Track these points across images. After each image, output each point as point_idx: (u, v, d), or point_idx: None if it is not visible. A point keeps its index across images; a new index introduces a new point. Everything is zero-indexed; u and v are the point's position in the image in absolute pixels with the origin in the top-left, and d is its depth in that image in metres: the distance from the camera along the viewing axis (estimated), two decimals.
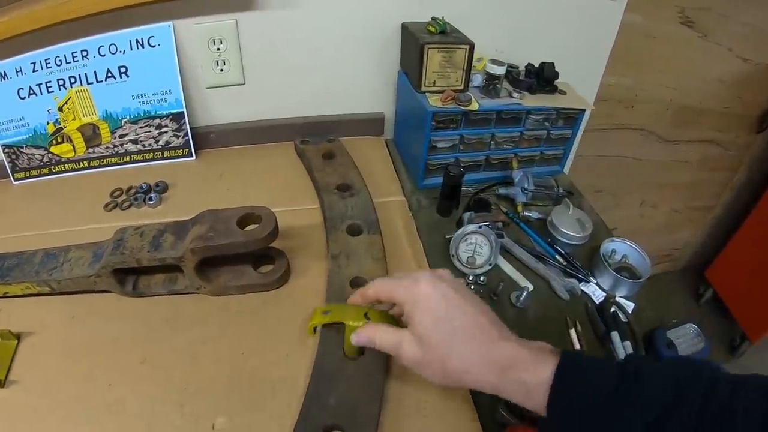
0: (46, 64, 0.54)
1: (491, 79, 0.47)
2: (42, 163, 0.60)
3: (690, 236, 0.99)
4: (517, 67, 0.51)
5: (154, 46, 0.50)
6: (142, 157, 0.56)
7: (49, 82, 0.55)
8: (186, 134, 0.54)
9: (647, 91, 0.71)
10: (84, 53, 0.52)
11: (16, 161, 0.61)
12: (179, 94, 0.51)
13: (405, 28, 0.50)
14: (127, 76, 0.52)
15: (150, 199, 0.48)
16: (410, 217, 0.44)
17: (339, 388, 0.29)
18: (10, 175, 0.63)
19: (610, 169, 0.79)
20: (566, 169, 0.55)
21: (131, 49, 0.51)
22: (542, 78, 0.50)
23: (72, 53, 0.53)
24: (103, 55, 0.52)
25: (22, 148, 0.59)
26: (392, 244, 0.41)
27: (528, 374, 0.24)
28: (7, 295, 0.44)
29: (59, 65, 0.53)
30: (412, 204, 0.47)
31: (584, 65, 0.60)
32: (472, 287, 0.39)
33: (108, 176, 0.58)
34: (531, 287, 0.39)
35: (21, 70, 0.55)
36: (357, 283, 0.36)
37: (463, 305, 0.26)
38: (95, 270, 0.37)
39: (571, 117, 0.49)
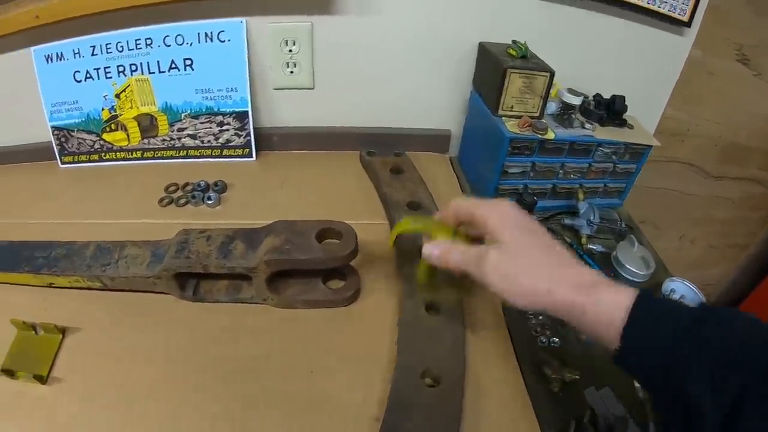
0: (107, 48, 0.56)
1: (567, 108, 0.51)
2: (92, 149, 0.62)
3: (722, 273, 1.05)
4: (587, 97, 0.55)
5: (223, 41, 0.53)
6: (199, 153, 0.58)
7: (108, 67, 0.57)
8: (248, 134, 0.56)
9: (699, 126, 0.76)
10: (148, 41, 0.54)
11: (65, 144, 0.63)
12: (246, 92, 0.54)
13: (483, 48, 0.54)
14: (192, 69, 0.54)
15: (209, 198, 0.51)
16: None
17: (416, 418, 0.30)
18: (58, 158, 0.65)
19: (654, 200, 0.84)
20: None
21: (199, 42, 0.53)
22: (612, 110, 0.54)
23: (135, 40, 0.55)
24: (169, 46, 0.54)
25: (73, 131, 0.61)
26: None
27: (608, 296, 0.25)
28: (53, 285, 0.46)
29: (120, 51, 0.56)
30: None
31: (647, 98, 0.65)
32: (539, 318, 0.42)
33: (161, 169, 0.60)
34: None
35: (79, 53, 0.57)
36: (434, 309, 0.39)
37: (542, 228, 0.29)
38: (155, 271, 0.39)
39: (638, 152, 0.54)
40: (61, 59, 0.59)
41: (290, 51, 0.53)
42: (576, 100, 0.51)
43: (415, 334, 0.36)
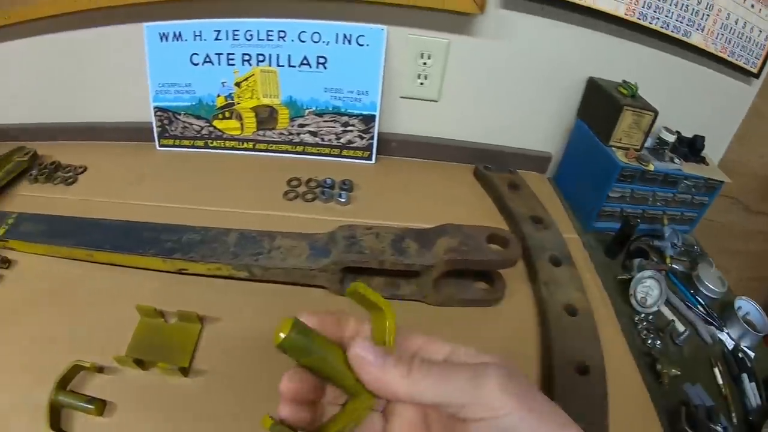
0: (234, 35, 0.61)
1: (662, 144, 0.63)
2: (198, 135, 0.67)
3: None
4: (680, 135, 0.67)
5: (362, 45, 0.60)
6: (318, 150, 0.65)
7: (232, 54, 0.62)
8: (372, 137, 0.64)
9: (746, 165, 0.91)
10: (281, 34, 0.60)
11: (167, 127, 0.67)
12: (376, 97, 0.61)
13: (594, 82, 0.64)
14: (325, 68, 0.61)
15: (340, 196, 0.58)
16: (588, 256, 0.58)
17: (576, 401, 0.39)
18: (156, 140, 0.69)
19: (697, 230, 0.98)
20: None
21: (336, 43, 0.60)
22: (694, 148, 0.66)
23: (267, 31, 0.60)
24: (303, 42, 0.60)
25: (179, 114, 0.66)
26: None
27: None
28: (185, 271, 0.51)
29: (249, 40, 0.61)
30: (584, 243, 0.61)
31: (713, 138, 0.77)
32: (644, 324, 0.54)
33: (276, 163, 0.66)
34: (686, 329, 0.54)
35: (200, 35, 0.62)
36: (571, 312, 0.49)
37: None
38: (320, 264, 0.45)
39: (712, 186, 0.66)
40: (178, 39, 0.63)
41: (424, 63, 0.61)
42: (671, 138, 0.63)
43: (560, 331, 0.46)
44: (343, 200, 0.59)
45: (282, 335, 0.19)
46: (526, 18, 0.59)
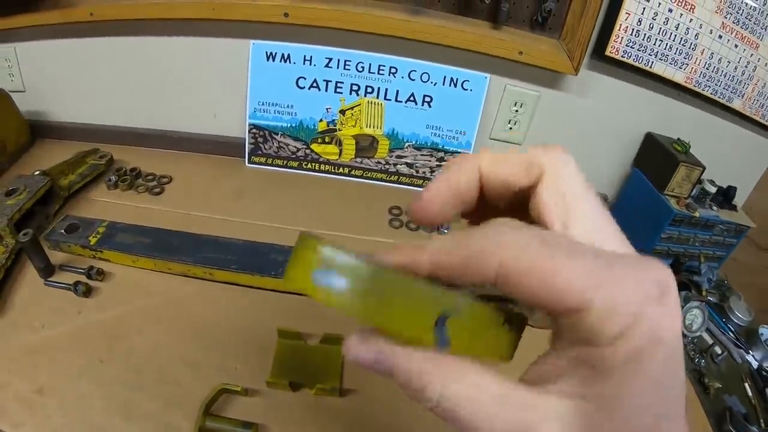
0: (345, 65, 0.76)
1: (705, 194, 0.86)
2: (293, 156, 0.81)
3: None
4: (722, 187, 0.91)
5: (466, 90, 0.77)
6: (410, 181, 0.82)
7: (341, 83, 0.77)
8: None
9: (758, 207, 1.20)
10: (393, 70, 0.76)
11: (261, 145, 0.81)
12: (472, 137, 0.79)
13: (652, 137, 0.86)
14: (429, 107, 0.78)
15: (444, 227, 0.75)
16: None
17: None
18: (246, 156, 0.82)
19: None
20: None
21: (443, 85, 0.77)
22: (728, 196, 0.91)
23: (379, 65, 0.76)
24: (413, 80, 0.77)
25: (276, 134, 0.80)
26: None
27: None
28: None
29: (360, 71, 0.76)
30: None
31: (740, 187, 1.03)
32: (690, 345, 0.76)
33: (369, 189, 0.81)
34: (723, 351, 0.78)
35: (311, 61, 0.76)
36: None
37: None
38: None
39: (740, 230, 0.91)
40: (286, 61, 0.76)
41: (516, 111, 0.80)
42: (713, 189, 0.86)
43: None
44: (445, 231, 0.76)
45: None
46: (602, 78, 0.80)
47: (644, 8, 0.75)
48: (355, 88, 0.76)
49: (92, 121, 0.88)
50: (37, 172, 0.74)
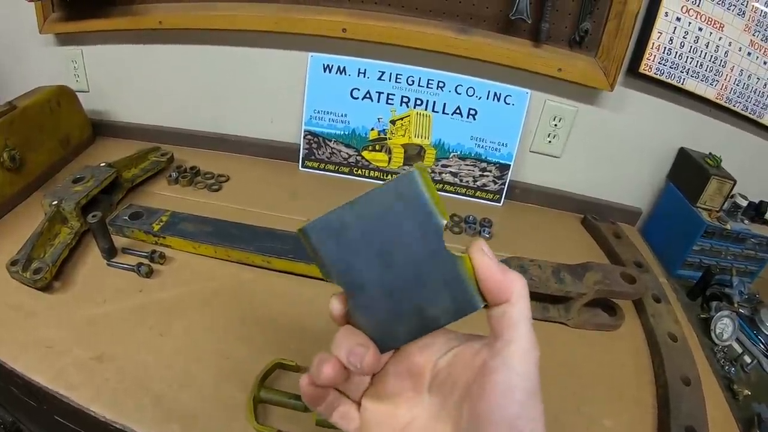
0: (396, 78, 0.86)
1: (736, 207, 0.94)
2: (345, 162, 0.91)
3: None
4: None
5: (508, 104, 0.86)
6: (454, 189, 0.91)
7: (392, 95, 0.87)
8: (504, 183, 0.90)
9: None
10: (440, 84, 0.86)
11: (315, 150, 0.91)
12: (513, 149, 0.88)
13: (685, 152, 0.94)
14: (474, 119, 0.88)
15: (485, 231, 0.84)
16: (676, 298, 0.87)
17: (685, 404, 0.67)
18: (300, 161, 0.93)
19: None
20: None
21: (487, 99, 0.87)
22: (759, 211, 0.98)
23: (428, 80, 0.86)
24: (459, 94, 0.86)
25: (329, 141, 0.90)
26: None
27: None
28: None
29: (410, 84, 0.86)
30: (670, 287, 0.90)
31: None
32: (721, 353, 0.83)
33: None
34: (753, 361, 0.84)
35: (365, 73, 0.86)
36: (672, 338, 0.76)
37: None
38: None
39: None
40: (341, 73, 0.87)
41: (555, 125, 0.89)
42: (744, 203, 0.94)
43: (667, 352, 0.71)
44: (487, 236, 0.84)
45: None
46: (637, 95, 0.88)
47: (675, 27, 0.83)
48: (405, 100, 0.86)
49: (152, 122, 0.99)
50: (103, 164, 0.85)
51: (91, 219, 0.70)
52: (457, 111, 0.86)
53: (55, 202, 0.75)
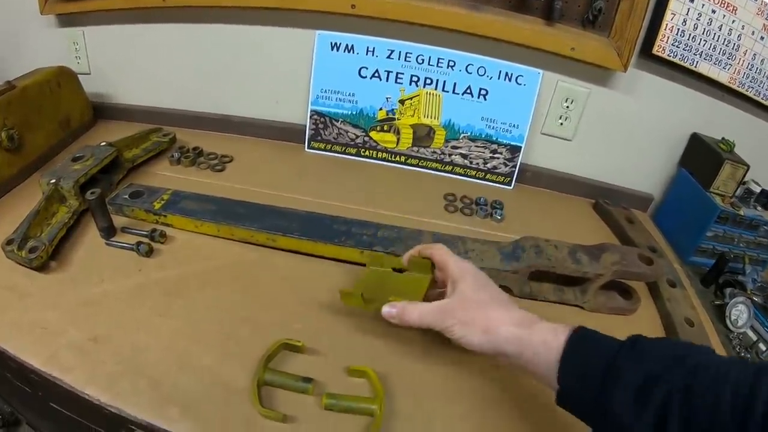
0: (406, 57, 0.84)
1: (749, 193, 0.92)
2: (352, 143, 0.89)
3: None
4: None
5: (520, 84, 0.85)
6: (464, 171, 0.89)
7: (401, 74, 0.85)
8: (515, 166, 0.88)
9: None
10: (451, 63, 0.84)
11: (321, 131, 0.89)
12: (525, 131, 0.86)
13: (697, 137, 0.93)
14: (485, 99, 0.86)
15: (496, 213, 0.82)
16: (690, 284, 0.86)
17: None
18: (306, 142, 0.91)
19: None
20: None
21: (498, 79, 0.85)
22: None
23: (438, 58, 0.84)
24: (470, 73, 0.84)
25: (336, 121, 0.88)
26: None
27: (549, 335, 0.40)
28: None
29: (420, 63, 0.84)
30: (684, 273, 0.88)
31: None
32: (736, 340, 0.81)
33: (424, 177, 0.88)
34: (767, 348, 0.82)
35: (373, 52, 0.84)
36: (689, 323, 0.74)
37: (492, 281, 0.51)
38: (514, 267, 0.67)
39: None
40: (349, 51, 0.84)
41: (567, 107, 0.87)
42: (758, 189, 0.92)
43: (685, 337, 0.68)
44: (498, 218, 0.82)
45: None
46: (650, 78, 0.87)
47: (688, 9, 0.82)
48: (414, 79, 0.84)
49: (155, 104, 0.97)
50: (104, 143, 0.83)
51: (89, 196, 0.68)
52: (468, 91, 0.84)
53: (53, 181, 0.72)
